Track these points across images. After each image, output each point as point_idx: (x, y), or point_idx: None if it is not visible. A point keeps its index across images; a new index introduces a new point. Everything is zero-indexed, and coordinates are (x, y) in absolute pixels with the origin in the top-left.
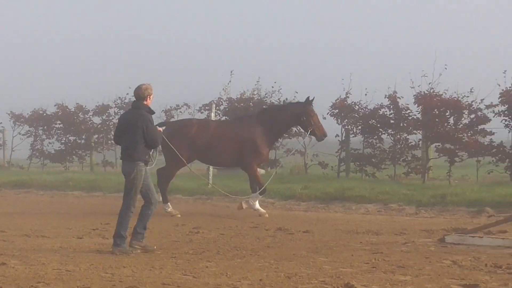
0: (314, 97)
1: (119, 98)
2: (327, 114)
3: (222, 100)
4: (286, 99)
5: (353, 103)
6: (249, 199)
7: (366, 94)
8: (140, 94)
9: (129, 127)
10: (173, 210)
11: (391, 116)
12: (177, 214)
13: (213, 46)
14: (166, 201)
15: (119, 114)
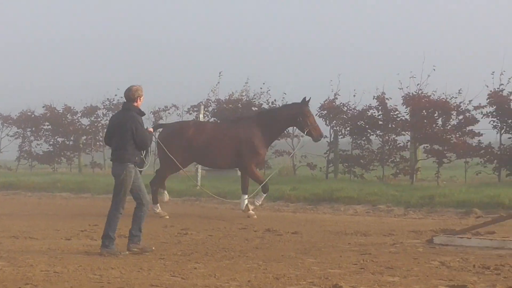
0: (310, 97)
1: (108, 99)
2: (316, 115)
3: (210, 101)
4: (275, 100)
5: (341, 104)
6: (254, 199)
7: (354, 95)
8: (130, 95)
9: (118, 129)
10: (161, 211)
11: (380, 117)
12: (165, 216)
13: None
14: (156, 202)
15: (108, 115)
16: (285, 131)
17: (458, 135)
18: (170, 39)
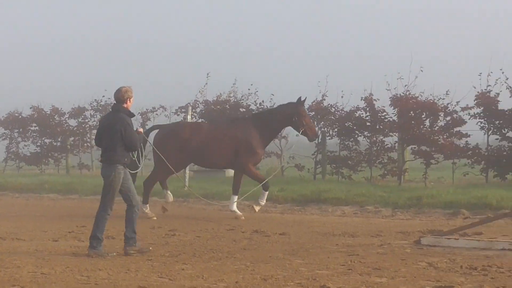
0: (306, 97)
1: (95, 100)
2: None
3: (198, 102)
4: (263, 101)
5: (329, 106)
6: (258, 199)
7: (342, 97)
8: (119, 97)
9: (108, 130)
10: (150, 212)
11: (367, 118)
12: (153, 217)
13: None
14: (146, 202)
15: (95, 116)
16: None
17: (445, 136)
18: (157, 40)
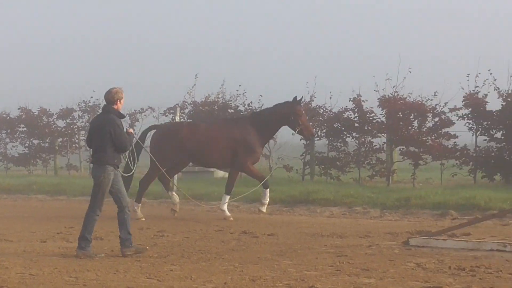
0: (302, 96)
1: (83, 101)
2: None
3: (186, 103)
4: (251, 103)
5: (317, 107)
6: (261, 199)
7: (330, 98)
8: (110, 98)
9: (98, 131)
10: (139, 212)
11: (356, 119)
12: (141, 218)
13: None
14: (139, 201)
15: (84, 117)
16: None
17: (434, 137)
18: (145, 41)
